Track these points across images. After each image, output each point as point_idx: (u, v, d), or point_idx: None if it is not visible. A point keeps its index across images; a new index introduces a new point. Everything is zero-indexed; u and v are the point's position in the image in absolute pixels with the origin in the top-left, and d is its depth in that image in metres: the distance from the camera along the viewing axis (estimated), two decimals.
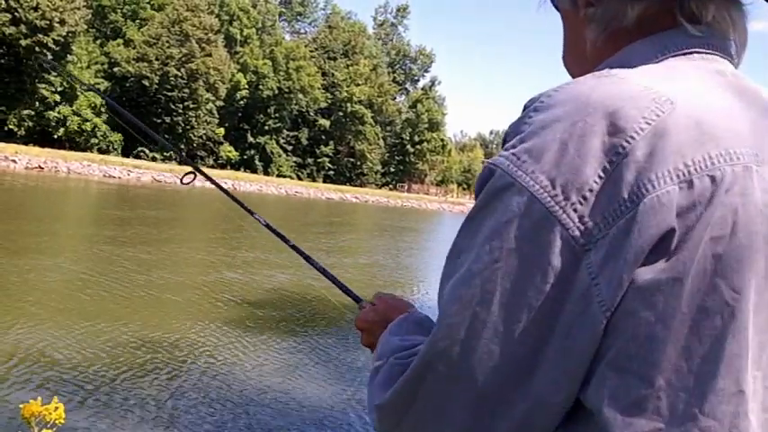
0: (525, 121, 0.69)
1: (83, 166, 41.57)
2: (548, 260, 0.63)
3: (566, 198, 0.63)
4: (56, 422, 1.89)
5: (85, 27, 52.33)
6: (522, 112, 0.71)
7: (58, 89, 49.54)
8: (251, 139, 65.58)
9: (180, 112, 57.30)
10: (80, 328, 7.35)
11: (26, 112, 48.11)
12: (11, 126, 47.66)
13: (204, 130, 59.74)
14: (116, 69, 55.67)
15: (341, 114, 71.91)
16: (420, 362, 0.70)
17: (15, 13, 45.20)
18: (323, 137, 71.86)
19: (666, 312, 0.63)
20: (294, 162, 70.01)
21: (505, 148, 0.69)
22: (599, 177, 0.63)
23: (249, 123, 65.78)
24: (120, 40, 57.30)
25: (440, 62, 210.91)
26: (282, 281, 11.86)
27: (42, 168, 38.35)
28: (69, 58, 49.96)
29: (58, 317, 7.73)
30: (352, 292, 1.39)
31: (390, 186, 79.81)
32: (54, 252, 12.37)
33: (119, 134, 53.94)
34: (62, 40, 47.58)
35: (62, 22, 46.99)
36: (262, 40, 69.63)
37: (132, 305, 8.87)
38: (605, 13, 0.78)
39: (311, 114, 70.01)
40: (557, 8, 0.87)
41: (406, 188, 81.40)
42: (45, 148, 44.04)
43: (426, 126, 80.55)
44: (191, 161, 1.83)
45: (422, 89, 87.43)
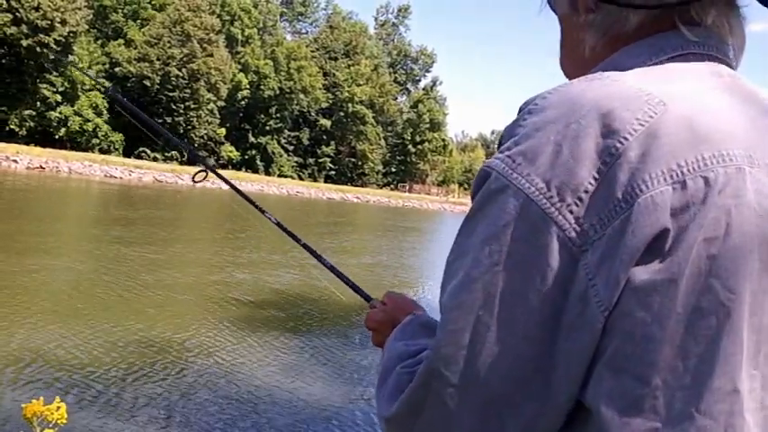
0: (520, 124, 0.69)
1: (84, 166, 41.59)
2: (546, 262, 0.64)
3: (561, 200, 0.64)
4: (58, 422, 1.87)
5: (87, 27, 52.39)
6: (517, 115, 0.71)
7: (60, 89, 49.58)
8: (252, 139, 65.63)
9: (181, 112, 57.36)
10: (83, 327, 7.34)
11: (27, 112, 48.15)
12: (12, 126, 47.70)
13: (205, 130, 59.79)
14: (117, 69, 55.73)
15: (342, 114, 71.94)
16: (425, 369, 0.71)
17: (17, 14, 45.24)
18: (324, 137, 71.90)
19: (662, 313, 0.64)
20: (295, 162, 70.05)
21: (500, 151, 0.69)
22: (593, 179, 0.63)
23: (250, 123, 65.83)
24: (122, 41, 57.36)
25: (440, 62, 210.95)
26: (289, 280, 11.84)
27: (44, 168, 38.38)
28: (70, 58, 49.95)
29: (60, 316, 7.72)
30: (363, 291, 1.39)
31: (392, 186, 79.83)
32: (57, 252, 12.36)
33: (120, 134, 54.00)
34: (63, 40, 47.63)
35: (63, 23, 47.02)
36: (263, 40, 69.70)
37: (136, 305, 8.85)
38: (605, 20, 0.78)
39: (312, 114, 70.06)
40: (555, 12, 0.87)
41: (407, 188, 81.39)
42: (46, 149, 44.09)
43: (428, 126, 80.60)
44: (202, 159, 1.80)
45: (423, 89, 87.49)
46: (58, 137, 50.40)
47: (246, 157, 65.43)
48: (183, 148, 2.06)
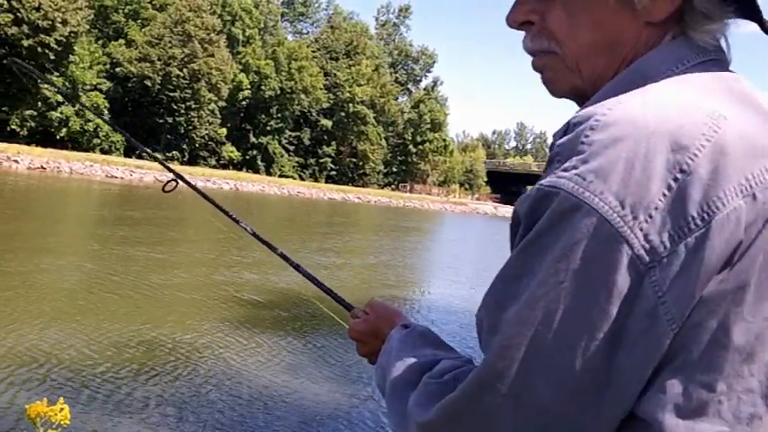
0: (582, 141, 0.67)
1: (85, 166, 41.58)
2: (613, 280, 0.63)
3: (634, 217, 0.63)
4: (61, 423, 1.88)
5: (87, 27, 52.32)
6: (572, 131, 0.70)
7: (60, 89, 49.54)
8: (253, 139, 65.60)
9: (182, 112, 57.32)
10: (86, 328, 7.33)
11: (28, 112, 48.11)
12: (13, 126, 47.68)
13: (206, 130, 59.74)
14: (118, 70, 55.68)
15: (343, 115, 71.91)
16: (475, 381, 0.70)
17: (17, 14, 45.22)
18: (325, 137, 71.86)
19: (730, 319, 0.64)
20: (296, 162, 70.01)
21: (564, 169, 0.67)
22: (663, 195, 0.63)
23: (251, 124, 65.80)
24: (123, 41, 57.31)
25: (440, 62, 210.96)
26: (295, 279, 11.82)
27: (45, 169, 38.38)
28: (71, 58, 49.97)
29: (64, 317, 7.72)
30: (344, 300, 1.37)
31: (393, 187, 79.79)
32: (61, 252, 12.36)
33: (121, 135, 53.91)
34: (64, 40, 47.56)
35: (64, 23, 46.99)
36: (264, 40, 69.66)
37: (142, 305, 8.85)
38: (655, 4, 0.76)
39: (313, 115, 70.02)
40: None
41: (408, 188, 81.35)
42: (47, 149, 44.03)
43: (429, 126, 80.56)
44: (171, 169, 1.78)
45: (424, 89, 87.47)
46: (58, 137, 50.38)
47: (247, 157, 65.41)
48: (152, 157, 2.03)
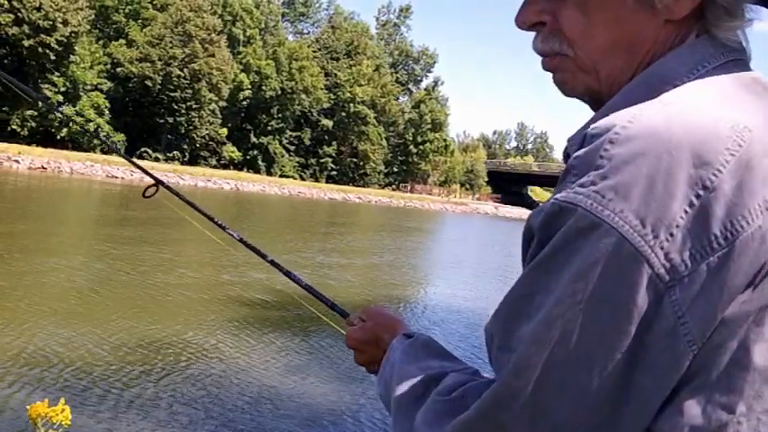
0: (601, 155, 0.65)
1: (86, 166, 41.60)
2: (632, 300, 0.62)
3: (655, 236, 0.61)
4: (62, 424, 1.87)
5: (88, 27, 52.36)
6: (590, 143, 0.67)
7: (61, 89, 49.60)
8: (254, 139, 65.61)
9: (183, 112, 57.34)
10: (89, 328, 7.33)
11: (29, 112, 48.11)
12: (14, 126, 47.70)
13: (207, 130, 59.75)
14: (119, 70, 55.70)
15: (344, 115, 71.92)
16: (490, 400, 0.68)
17: (18, 14, 45.25)
18: (326, 137, 71.88)
19: (751, 340, 0.63)
20: (297, 162, 70.02)
21: (581, 184, 0.65)
22: (684, 212, 0.61)
23: (252, 124, 65.81)
24: (123, 41, 57.33)
25: (440, 62, 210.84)
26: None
27: (45, 169, 38.40)
28: (72, 58, 49.98)
29: (65, 318, 7.72)
30: (338, 306, 1.34)
31: (393, 187, 79.77)
32: (62, 252, 12.36)
33: (122, 135, 54.01)
34: (65, 40, 47.60)
35: (65, 23, 47.01)
36: (265, 40, 69.67)
37: (145, 306, 8.85)
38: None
39: (314, 115, 70.04)
40: None
41: (408, 188, 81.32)
42: (48, 149, 44.06)
43: (429, 126, 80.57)
44: (152, 175, 1.77)
45: (425, 89, 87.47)
46: (59, 137, 50.39)
47: (248, 157, 65.41)
48: (129, 161, 2.02)
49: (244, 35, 66.36)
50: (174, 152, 57.79)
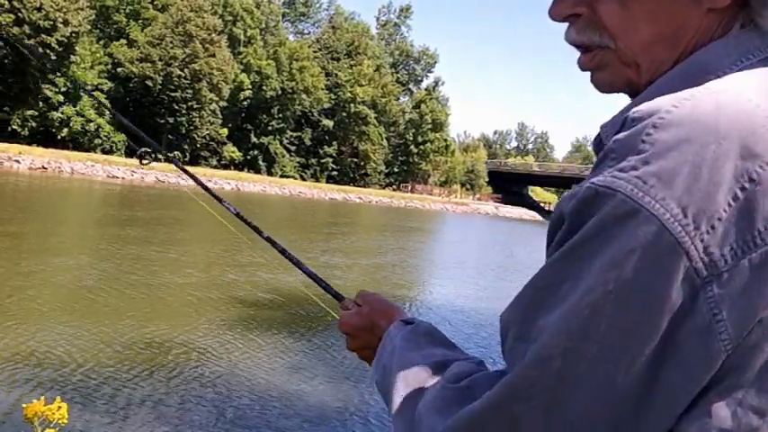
0: (644, 139, 0.62)
1: (86, 166, 41.62)
2: (667, 293, 0.59)
3: (696, 228, 0.59)
4: (59, 422, 1.86)
5: (89, 27, 52.37)
6: (632, 127, 0.64)
7: (62, 89, 49.61)
8: (254, 139, 65.63)
9: (183, 112, 57.35)
10: (85, 327, 7.33)
11: (30, 112, 48.14)
12: (14, 126, 47.70)
13: (208, 130, 59.77)
14: (119, 70, 55.73)
15: (344, 115, 71.94)
16: (506, 390, 0.65)
17: (19, 14, 45.24)
18: (326, 137, 71.89)
19: None
20: (297, 162, 70.03)
21: (621, 169, 0.62)
22: (728, 205, 0.59)
23: (252, 124, 65.83)
24: (124, 41, 57.36)
25: (441, 62, 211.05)
26: (301, 279, 11.85)
27: (46, 169, 38.42)
28: (73, 58, 49.98)
29: (63, 317, 7.72)
30: (332, 289, 1.29)
31: (394, 187, 79.79)
32: (68, 252, 12.37)
33: (122, 135, 54.02)
34: (65, 40, 47.60)
35: (66, 23, 47.02)
36: (265, 40, 69.70)
37: (143, 305, 8.86)
38: None
39: (315, 115, 70.04)
40: None
41: (409, 189, 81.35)
42: (48, 149, 44.07)
43: (430, 126, 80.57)
44: (147, 139, 1.74)
45: (425, 89, 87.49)
46: (60, 137, 50.41)
47: (249, 157, 65.43)
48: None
49: (244, 35, 66.38)
50: (175, 152, 57.70)
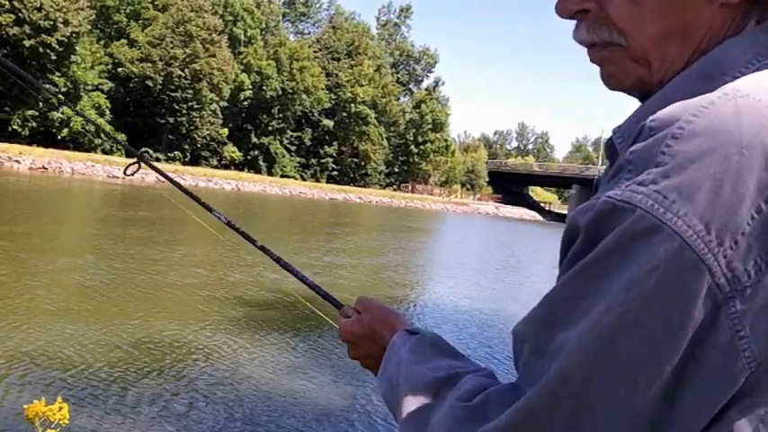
0: (663, 151, 0.60)
1: (87, 166, 41.62)
2: (689, 311, 0.57)
3: (719, 243, 0.57)
4: (60, 422, 1.86)
5: (89, 27, 52.40)
6: (649, 136, 0.62)
7: (62, 89, 49.61)
8: (255, 139, 65.64)
9: (184, 112, 57.36)
10: (86, 328, 7.34)
11: (30, 112, 48.14)
12: (15, 126, 47.71)
13: (208, 130, 59.78)
14: (120, 70, 55.73)
15: (344, 115, 71.93)
16: (525, 411, 0.63)
17: (19, 14, 45.27)
18: (326, 137, 71.89)
19: None
20: (298, 162, 70.03)
21: (640, 182, 0.60)
22: (752, 218, 0.57)
23: (253, 124, 65.84)
24: (124, 41, 57.36)
25: (441, 62, 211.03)
26: (302, 285, 11.86)
27: (46, 169, 38.43)
28: (73, 58, 50.00)
29: (63, 317, 7.72)
30: (330, 296, 1.28)
31: (394, 187, 79.77)
32: (73, 252, 12.38)
33: (122, 135, 54.03)
34: (66, 40, 47.63)
35: (66, 23, 47.04)
36: (265, 40, 69.70)
37: (148, 305, 8.85)
38: None
39: (315, 115, 70.04)
40: None
41: (409, 189, 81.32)
42: (49, 149, 44.08)
43: (430, 127, 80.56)
44: (135, 151, 1.73)
45: (426, 90, 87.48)
46: (60, 137, 50.41)
47: (249, 157, 65.43)
48: (115, 140, 2.00)
49: (245, 35, 66.39)
50: (176, 152, 57.79)
